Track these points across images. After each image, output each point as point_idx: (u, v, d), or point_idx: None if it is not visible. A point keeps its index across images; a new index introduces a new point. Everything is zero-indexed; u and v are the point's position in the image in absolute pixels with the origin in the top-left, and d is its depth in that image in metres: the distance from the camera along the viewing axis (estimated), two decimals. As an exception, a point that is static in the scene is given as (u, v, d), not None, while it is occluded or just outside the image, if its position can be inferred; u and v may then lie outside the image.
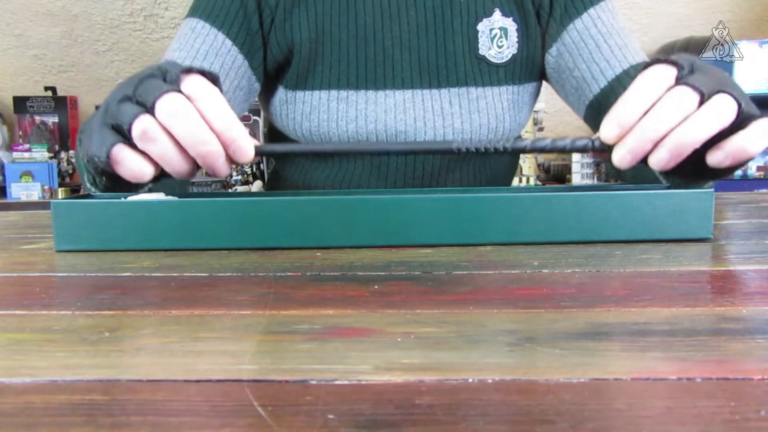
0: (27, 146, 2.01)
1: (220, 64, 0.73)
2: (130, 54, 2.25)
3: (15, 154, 1.99)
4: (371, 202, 0.41)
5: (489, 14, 0.75)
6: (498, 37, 0.75)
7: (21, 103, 2.15)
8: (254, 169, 2.05)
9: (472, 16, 0.75)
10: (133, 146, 0.44)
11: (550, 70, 0.79)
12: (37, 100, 2.16)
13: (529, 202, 0.41)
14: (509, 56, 0.76)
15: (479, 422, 0.15)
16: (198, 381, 0.18)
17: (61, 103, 2.16)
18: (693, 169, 0.44)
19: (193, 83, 0.44)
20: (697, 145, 0.41)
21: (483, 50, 0.75)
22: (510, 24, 0.75)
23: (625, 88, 0.72)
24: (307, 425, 0.15)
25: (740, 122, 0.41)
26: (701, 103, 0.41)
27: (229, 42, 0.73)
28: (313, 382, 0.18)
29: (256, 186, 1.99)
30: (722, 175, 0.47)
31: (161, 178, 0.48)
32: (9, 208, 1.81)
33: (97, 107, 0.50)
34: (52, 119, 2.17)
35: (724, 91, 0.41)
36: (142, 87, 0.44)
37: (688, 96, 0.41)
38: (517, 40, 0.76)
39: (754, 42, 1.33)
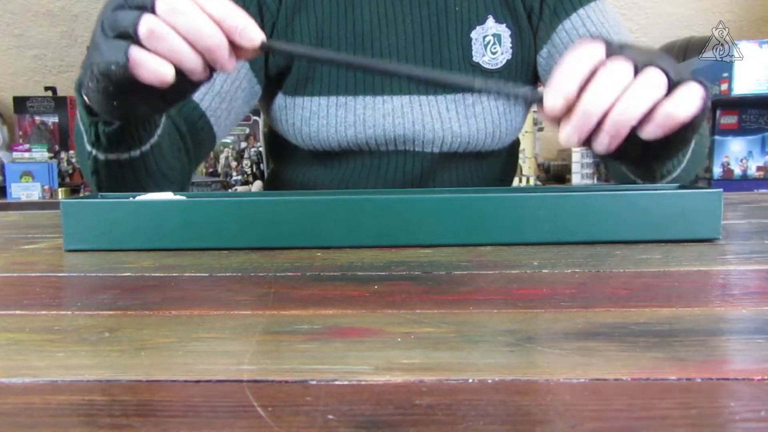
0: (27, 146, 2.00)
1: None
2: (130, 54, 2.24)
3: (15, 154, 1.99)
4: (372, 202, 0.41)
5: (482, 22, 0.76)
6: (492, 43, 0.76)
7: (21, 103, 2.15)
8: (254, 169, 2.05)
9: (465, 24, 0.76)
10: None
11: (542, 72, 0.80)
12: (37, 100, 2.16)
13: (534, 202, 0.41)
14: (504, 62, 0.77)
15: (479, 422, 0.15)
16: (198, 381, 0.18)
17: (61, 103, 2.16)
18: (639, 151, 0.44)
19: None
20: (634, 122, 0.40)
21: (477, 57, 0.76)
22: (503, 30, 0.77)
23: None
24: (306, 426, 0.15)
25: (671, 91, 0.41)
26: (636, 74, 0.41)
27: None
28: (313, 383, 0.18)
29: (256, 186, 1.99)
30: (668, 153, 0.47)
31: (174, 96, 0.47)
32: (9, 208, 1.81)
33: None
34: (52, 119, 2.17)
35: (654, 65, 0.41)
36: None
37: (622, 67, 0.41)
38: (511, 45, 0.77)
39: (754, 42, 1.33)
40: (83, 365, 0.20)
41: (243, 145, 2.06)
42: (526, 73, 0.79)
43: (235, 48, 0.45)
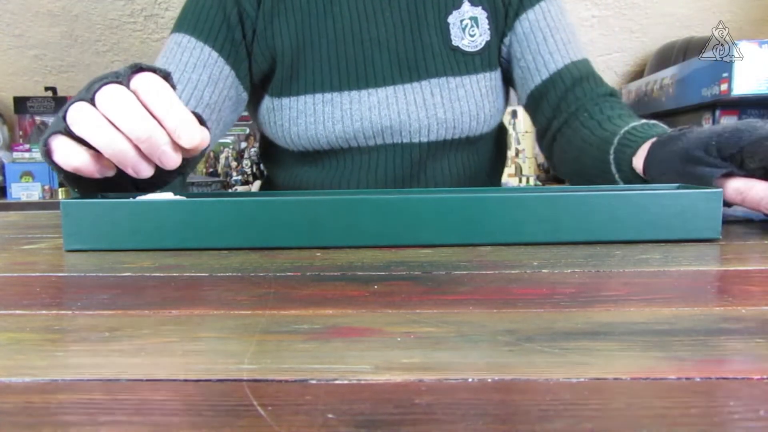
0: (27, 146, 2.01)
1: (208, 75, 0.75)
2: (130, 54, 2.25)
3: (15, 154, 1.99)
4: (372, 202, 0.41)
5: (458, 6, 0.79)
6: (469, 26, 0.79)
7: (21, 103, 2.15)
8: (254, 169, 2.05)
9: (442, 10, 0.79)
10: (75, 138, 0.44)
11: (502, 59, 0.83)
12: (37, 101, 2.16)
13: (534, 202, 0.41)
14: (483, 43, 0.80)
15: (478, 422, 0.15)
16: (198, 380, 0.18)
17: (61, 103, 2.16)
18: None
19: (140, 79, 0.44)
20: None
21: (456, 41, 0.78)
22: (479, 12, 0.79)
23: (563, 82, 0.78)
24: (306, 425, 0.15)
25: None
26: None
27: (215, 54, 0.75)
28: (313, 382, 0.18)
29: (257, 186, 2.00)
30: None
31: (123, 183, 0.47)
32: (9, 208, 1.81)
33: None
34: (52, 119, 2.17)
35: None
36: (92, 86, 0.44)
37: None
38: (488, 26, 0.80)
39: (754, 42, 1.33)
40: (83, 365, 0.20)
41: (243, 145, 2.06)
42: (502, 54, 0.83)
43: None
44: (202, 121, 0.50)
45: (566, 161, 0.77)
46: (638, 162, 0.58)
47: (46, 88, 2.20)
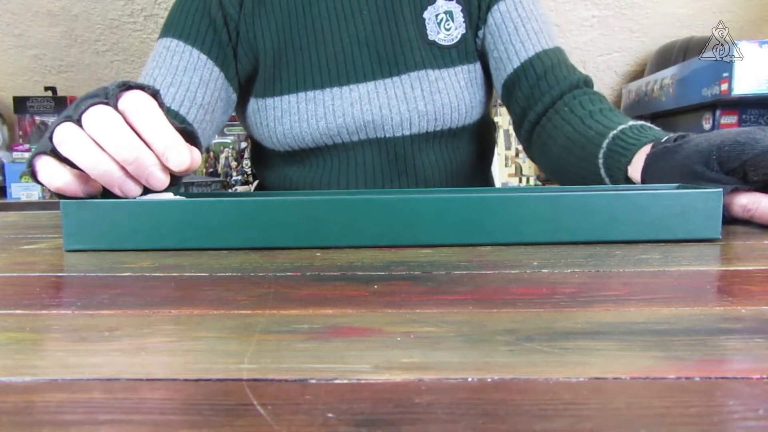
0: (27, 146, 2.01)
1: (199, 77, 0.76)
2: (130, 54, 2.25)
3: (15, 154, 1.99)
4: (372, 202, 0.41)
5: (432, 2, 0.80)
6: (444, 20, 0.80)
7: (21, 103, 2.15)
8: (254, 170, 2.05)
9: (417, 5, 0.80)
10: (60, 158, 0.43)
11: (478, 52, 0.84)
12: (37, 100, 2.16)
13: (534, 202, 0.41)
14: (459, 36, 0.81)
15: (478, 422, 0.15)
16: (197, 380, 0.18)
17: (61, 103, 2.16)
18: None
19: (128, 98, 0.43)
20: None
21: (432, 35, 0.80)
22: (454, 6, 0.81)
23: (535, 70, 0.79)
24: (306, 424, 0.15)
25: None
26: None
27: (204, 56, 0.77)
28: (313, 381, 0.18)
29: (256, 186, 2.00)
30: None
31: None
32: (9, 208, 1.81)
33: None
34: (52, 119, 2.17)
35: None
36: (79, 106, 0.43)
37: None
38: (463, 20, 0.81)
39: (754, 42, 1.33)
40: (83, 364, 0.20)
41: (243, 145, 2.06)
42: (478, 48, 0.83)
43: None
44: (194, 137, 0.49)
45: (548, 156, 0.77)
46: (635, 172, 0.58)
47: (46, 88, 2.20)
